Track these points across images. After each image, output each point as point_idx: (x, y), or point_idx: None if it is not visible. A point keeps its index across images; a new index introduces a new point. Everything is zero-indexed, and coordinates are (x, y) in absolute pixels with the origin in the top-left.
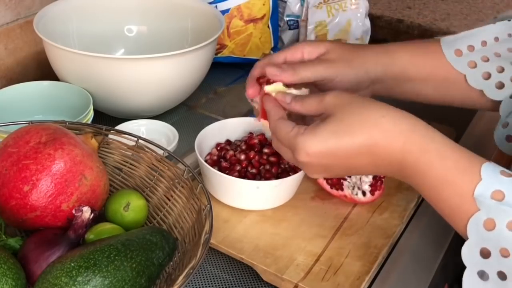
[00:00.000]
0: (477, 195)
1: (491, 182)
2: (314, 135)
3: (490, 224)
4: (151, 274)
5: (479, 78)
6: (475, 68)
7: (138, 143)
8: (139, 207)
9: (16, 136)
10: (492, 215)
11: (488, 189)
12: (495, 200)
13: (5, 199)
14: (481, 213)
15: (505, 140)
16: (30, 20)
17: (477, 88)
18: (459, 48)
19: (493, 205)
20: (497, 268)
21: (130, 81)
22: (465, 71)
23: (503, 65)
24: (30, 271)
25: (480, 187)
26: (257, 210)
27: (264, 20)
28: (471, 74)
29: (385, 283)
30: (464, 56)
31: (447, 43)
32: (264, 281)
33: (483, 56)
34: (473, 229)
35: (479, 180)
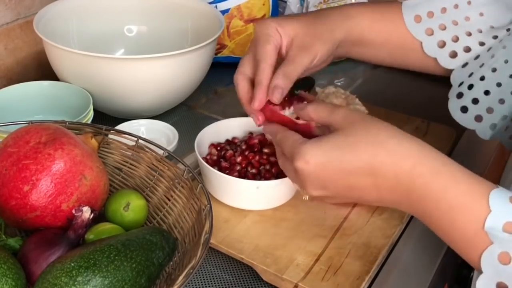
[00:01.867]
0: (488, 228)
1: (501, 212)
2: (318, 145)
3: (505, 258)
4: (151, 274)
5: (434, 46)
6: (432, 35)
7: (138, 143)
8: (139, 207)
9: (16, 136)
10: (506, 248)
11: (500, 221)
12: (507, 233)
13: (5, 199)
14: (494, 246)
15: (460, 111)
16: (30, 20)
17: (431, 56)
18: (419, 14)
19: (507, 238)
20: None
21: (130, 81)
22: (422, 38)
23: (458, 34)
24: (30, 271)
25: (490, 220)
26: (257, 210)
27: None
28: (427, 41)
29: (385, 283)
30: (423, 22)
31: (408, 7)
32: (264, 281)
33: (441, 24)
34: (487, 263)
35: (488, 210)
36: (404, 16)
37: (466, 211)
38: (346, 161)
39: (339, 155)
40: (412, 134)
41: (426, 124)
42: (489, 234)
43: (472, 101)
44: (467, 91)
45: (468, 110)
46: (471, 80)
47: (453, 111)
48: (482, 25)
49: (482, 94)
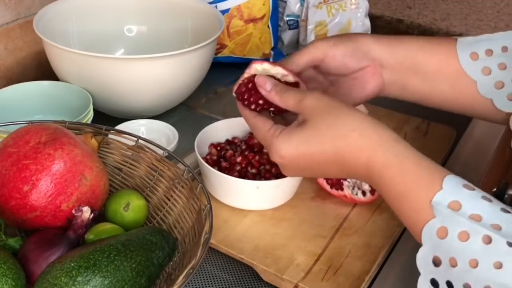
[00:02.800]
0: (434, 203)
1: (451, 192)
2: (288, 140)
3: (443, 232)
4: (151, 274)
5: (490, 87)
6: (489, 75)
7: (138, 143)
8: (139, 207)
9: (16, 136)
10: (446, 223)
11: (446, 199)
12: (451, 209)
13: (5, 199)
14: (435, 220)
15: None
16: (30, 20)
17: (487, 97)
18: (476, 51)
19: (448, 214)
20: (445, 277)
21: (130, 81)
22: (477, 77)
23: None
24: (30, 271)
25: (438, 196)
26: (257, 210)
27: (264, 20)
28: (483, 81)
29: (385, 283)
30: (480, 60)
31: (463, 44)
32: (264, 281)
33: (501, 63)
34: (427, 236)
35: (439, 189)
36: (458, 51)
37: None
38: (314, 154)
39: (307, 149)
40: (412, 134)
41: (426, 124)
42: (434, 208)
43: None
44: None
45: None
46: None
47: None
48: None
49: None
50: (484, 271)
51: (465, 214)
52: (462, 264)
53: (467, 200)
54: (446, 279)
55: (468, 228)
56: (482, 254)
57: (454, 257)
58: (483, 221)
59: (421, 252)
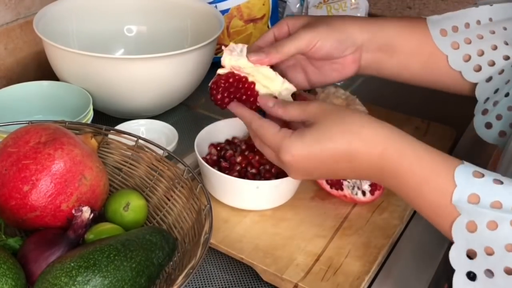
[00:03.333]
0: (455, 201)
1: (465, 186)
2: (300, 140)
3: (472, 226)
4: (151, 274)
5: (459, 60)
6: (458, 49)
7: (138, 143)
8: (138, 207)
9: (16, 136)
10: (472, 218)
11: (464, 194)
12: (472, 203)
13: (4, 199)
14: (462, 217)
15: (484, 127)
16: (30, 20)
17: (456, 69)
18: (444, 28)
19: (471, 209)
20: (484, 266)
21: (130, 81)
22: (448, 52)
23: (483, 48)
24: (30, 271)
25: (456, 194)
26: (257, 210)
27: (264, 20)
28: (453, 55)
29: (385, 283)
30: (449, 36)
31: (433, 22)
32: (264, 281)
33: (466, 38)
34: (458, 233)
35: (454, 185)
36: (430, 29)
37: (432, 187)
38: (326, 151)
39: (320, 147)
40: (412, 134)
41: (426, 124)
42: (457, 206)
43: (496, 117)
44: (492, 108)
45: (492, 127)
46: (496, 97)
47: (477, 127)
48: (507, 38)
49: (505, 110)
50: None
51: (486, 204)
52: (499, 250)
53: (482, 189)
54: (485, 268)
55: (493, 217)
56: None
57: (489, 246)
58: (504, 206)
59: (454, 249)
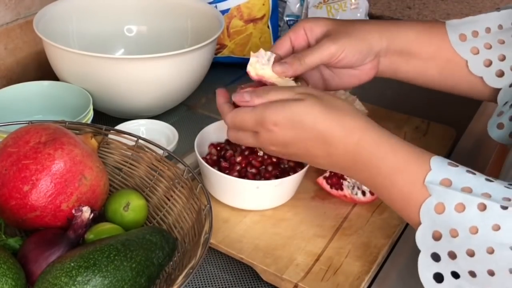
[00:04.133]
0: (427, 182)
1: (439, 171)
2: (282, 108)
3: (440, 208)
4: (151, 274)
5: (480, 65)
6: (477, 54)
7: (138, 143)
8: (139, 207)
9: (16, 136)
10: (442, 199)
11: (437, 177)
12: (443, 186)
13: (5, 199)
14: (432, 198)
15: (495, 126)
16: (30, 20)
17: (477, 75)
18: (464, 32)
19: (442, 190)
20: (447, 248)
21: (130, 81)
22: (467, 56)
23: (505, 53)
24: (30, 271)
25: (430, 176)
26: (257, 210)
27: (264, 20)
28: (473, 60)
29: (384, 283)
30: (468, 41)
31: (452, 26)
32: (264, 281)
33: (486, 43)
34: (425, 214)
35: (428, 170)
36: (449, 34)
37: (403, 173)
38: (306, 127)
39: (301, 120)
40: (412, 134)
41: (426, 124)
42: (428, 187)
43: (509, 118)
44: (507, 109)
45: (504, 127)
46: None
47: (489, 127)
48: None
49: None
50: (484, 235)
51: (457, 188)
52: (463, 232)
53: (455, 176)
54: (448, 250)
55: (462, 199)
56: (479, 220)
57: (454, 228)
58: (474, 191)
59: (421, 230)
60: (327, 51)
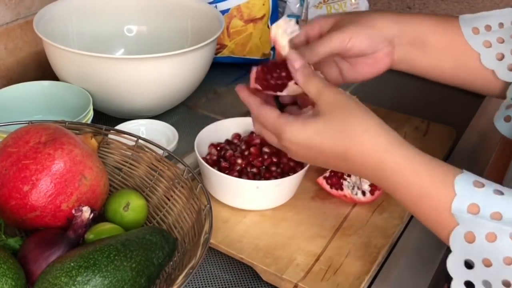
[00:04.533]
0: (454, 211)
1: (465, 196)
2: (302, 127)
3: (470, 237)
4: (151, 274)
5: (492, 58)
6: (490, 48)
7: (138, 143)
8: (138, 207)
9: (16, 136)
10: (471, 228)
11: (464, 204)
12: (471, 213)
13: (5, 199)
14: (460, 227)
15: (502, 119)
16: (30, 20)
17: (489, 68)
18: (477, 26)
19: (470, 219)
20: (482, 277)
21: (130, 81)
22: (480, 49)
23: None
24: (30, 271)
25: (456, 203)
26: (257, 210)
27: (264, 20)
28: (485, 53)
29: (385, 283)
30: (481, 35)
31: (465, 20)
32: (264, 281)
33: (499, 37)
34: (455, 242)
35: (454, 195)
36: (462, 27)
37: (428, 200)
38: (325, 148)
39: (319, 141)
40: (412, 134)
41: (426, 124)
42: (456, 216)
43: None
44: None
45: (511, 120)
46: None
47: (496, 118)
48: None
49: None
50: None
51: (486, 215)
52: (497, 263)
53: (482, 200)
54: (482, 279)
55: (493, 229)
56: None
57: (487, 257)
58: (504, 218)
59: (452, 258)
60: (335, 39)
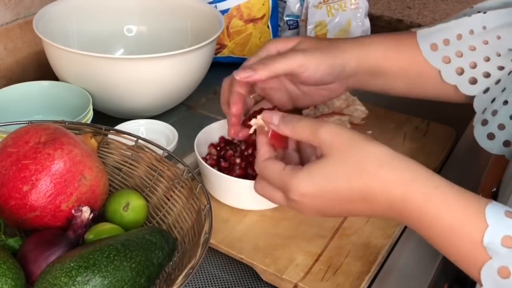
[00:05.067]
0: (486, 244)
1: (498, 227)
2: (309, 177)
3: (504, 272)
4: (151, 274)
5: (453, 74)
6: (449, 63)
7: (137, 143)
8: (138, 207)
9: (16, 136)
10: (505, 263)
11: (497, 236)
12: (506, 247)
13: (4, 199)
14: (493, 261)
15: (486, 138)
16: (29, 20)
17: (451, 83)
18: (435, 42)
19: (505, 253)
20: None
21: (129, 81)
22: (440, 66)
23: (475, 60)
24: (30, 271)
25: (488, 235)
26: (257, 210)
27: (264, 20)
28: (445, 69)
29: (384, 283)
30: (440, 50)
31: (422, 36)
32: (263, 281)
33: (457, 51)
34: (487, 278)
35: (485, 226)
36: (420, 45)
37: (459, 234)
38: (341, 191)
39: (332, 186)
40: (412, 134)
41: (426, 124)
42: (488, 249)
43: (498, 127)
44: (491, 118)
45: (495, 137)
46: (494, 106)
47: (479, 139)
48: (500, 48)
49: (508, 119)
50: None
51: None
52: None
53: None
54: None
55: None
56: None
57: None
58: None
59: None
60: (296, 60)
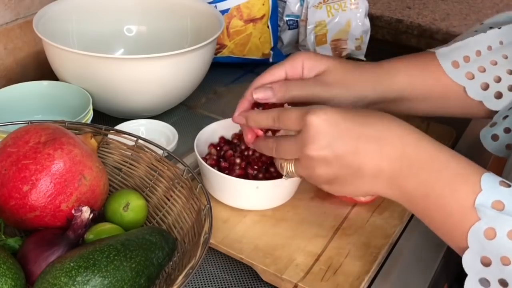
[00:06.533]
0: (477, 205)
1: (491, 192)
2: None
3: (490, 234)
4: (151, 274)
5: (477, 89)
6: (473, 79)
7: (137, 143)
8: (138, 207)
9: (16, 136)
10: (493, 224)
11: (489, 199)
12: (495, 209)
13: (4, 199)
14: (481, 222)
15: (490, 138)
16: (29, 20)
17: (476, 99)
18: (456, 59)
19: (494, 215)
20: (498, 276)
21: (129, 81)
22: (464, 83)
23: (499, 74)
24: (30, 271)
25: (480, 197)
26: (257, 210)
27: (264, 20)
28: (470, 85)
29: (384, 283)
30: (462, 67)
31: (442, 55)
32: (263, 281)
33: (479, 66)
34: (474, 238)
35: (479, 190)
36: (442, 63)
37: (455, 193)
38: (358, 124)
39: (353, 117)
40: None
41: (426, 124)
42: (478, 210)
43: (504, 130)
44: (500, 121)
45: (499, 139)
46: (507, 112)
47: (483, 138)
48: None
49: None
50: None
51: (510, 212)
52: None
53: (508, 198)
54: (499, 277)
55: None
56: None
57: (505, 255)
58: None
59: (468, 254)
60: (317, 94)
